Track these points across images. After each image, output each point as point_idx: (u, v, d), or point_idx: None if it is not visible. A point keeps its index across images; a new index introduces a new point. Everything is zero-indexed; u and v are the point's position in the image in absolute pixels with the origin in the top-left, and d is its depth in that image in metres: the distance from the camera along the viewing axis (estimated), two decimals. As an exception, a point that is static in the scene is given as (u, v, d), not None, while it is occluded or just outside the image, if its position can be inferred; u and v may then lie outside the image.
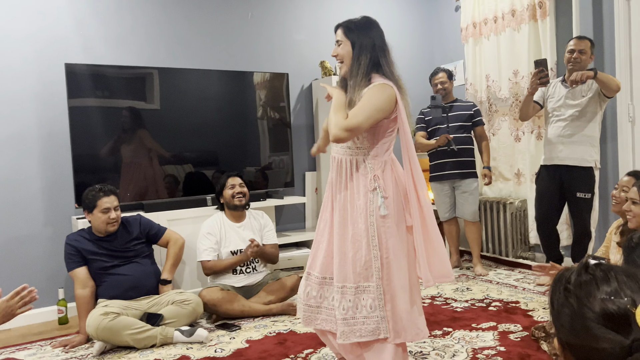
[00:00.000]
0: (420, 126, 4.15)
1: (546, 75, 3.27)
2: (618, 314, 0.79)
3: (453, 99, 4.09)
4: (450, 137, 3.89)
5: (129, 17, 3.76)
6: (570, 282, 0.87)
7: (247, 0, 4.22)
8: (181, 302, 2.96)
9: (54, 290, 3.49)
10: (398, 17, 4.97)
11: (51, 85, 3.51)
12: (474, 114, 4.02)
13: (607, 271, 0.85)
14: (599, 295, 0.82)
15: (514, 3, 4.12)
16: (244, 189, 3.39)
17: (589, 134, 3.35)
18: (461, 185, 4.00)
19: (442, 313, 3.08)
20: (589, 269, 0.87)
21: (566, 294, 0.86)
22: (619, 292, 0.81)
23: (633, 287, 0.82)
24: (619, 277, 0.83)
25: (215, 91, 3.88)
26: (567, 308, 0.85)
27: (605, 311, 0.80)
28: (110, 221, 2.99)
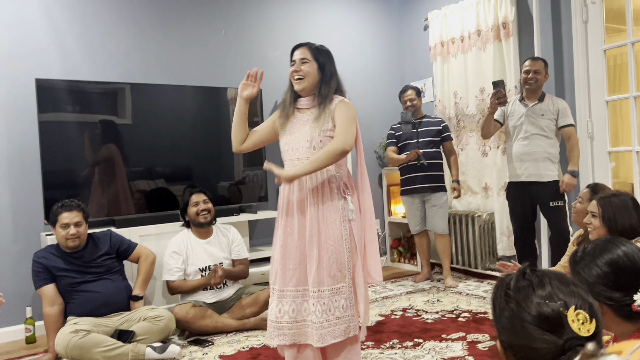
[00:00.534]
0: (391, 141, 4.25)
1: (504, 96, 3.44)
2: (552, 316, 0.87)
3: (422, 115, 4.22)
4: (420, 152, 4.00)
5: (102, 33, 3.76)
6: (510, 287, 0.94)
7: (220, 16, 4.28)
8: (153, 319, 2.94)
9: (22, 308, 3.41)
10: (369, 35, 5.09)
11: (21, 101, 3.47)
12: (442, 129, 4.15)
13: (542, 277, 0.93)
14: (535, 299, 0.89)
15: (479, 23, 4.28)
16: (208, 205, 3.35)
17: (550, 151, 3.49)
18: (431, 199, 4.10)
19: (413, 325, 3.13)
20: (526, 275, 0.95)
21: (506, 298, 0.93)
22: (552, 296, 0.89)
23: (565, 291, 0.90)
24: (552, 282, 0.92)
25: (189, 106, 3.90)
26: (507, 311, 0.92)
27: (540, 314, 0.88)
28: (69, 237, 2.93)
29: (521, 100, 3.57)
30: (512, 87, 4.06)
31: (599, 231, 2.17)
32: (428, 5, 4.89)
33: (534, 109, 3.49)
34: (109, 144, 3.58)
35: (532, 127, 3.48)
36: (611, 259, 1.25)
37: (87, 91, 3.51)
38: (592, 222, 2.20)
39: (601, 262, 1.25)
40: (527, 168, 3.51)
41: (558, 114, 3.46)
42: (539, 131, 3.47)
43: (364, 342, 2.87)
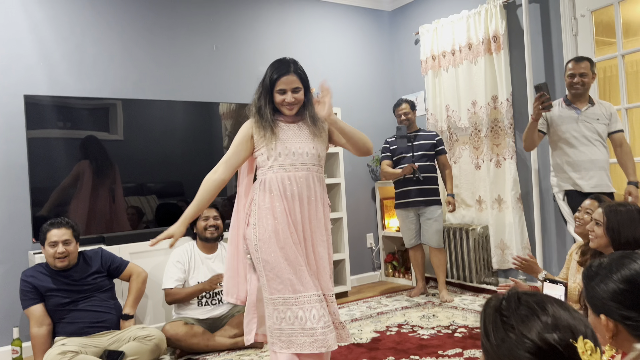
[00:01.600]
0: (386, 155, 4.24)
1: (548, 99, 3.07)
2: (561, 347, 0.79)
3: (416, 129, 4.21)
4: (415, 166, 3.98)
5: (91, 49, 3.74)
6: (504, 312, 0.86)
7: (211, 32, 4.27)
8: (143, 338, 2.87)
9: (9, 329, 3.33)
10: (360, 49, 5.10)
11: (9, 117, 3.43)
12: (436, 143, 4.14)
13: (542, 301, 0.85)
14: (539, 327, 0.82)
15: (470, 37, 4.30)
16: (217, 222, 3.35)
17: (608, 159, 3.21)
18: (425, 213, 4.08)
19: (408, 341, 3.09)
20: (521, 299, 0.87)
21: (504, 325, 0.85)
22: (557, 324, 0.82)
23: (569, 317, 0.83)
24: (554, 307, 0.84)
25: (181, 122, 3.87)
26: (506, 342, 0.84)
27: (548, 345, 0.80)
28: (57, 256, 2.86)
29: (569, 104, 3.24)
30: (505, 100, 4.07)
31: (600, 240, 2.15)
32: (419, 19, 4.92)
33: (587, 114, 3.19)
34: (99, 160, 3.53)
35: (590, 133, 3.17)
36: (628, 276, 1.17)
37: (77, 107, 3.47)
38: (595, 230, 2.17)
39: (617, 278, 1.17)
40: (592, 177, 3.16)
41: (610, 118, 3.19)
42: (597, 137, 3.17)
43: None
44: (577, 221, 2.60)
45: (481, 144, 4.29)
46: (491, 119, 4.21)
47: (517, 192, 4.05)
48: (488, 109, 4.20)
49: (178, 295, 3.17)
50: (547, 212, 3.91)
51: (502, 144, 4.15)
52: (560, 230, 3.83)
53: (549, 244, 3.91)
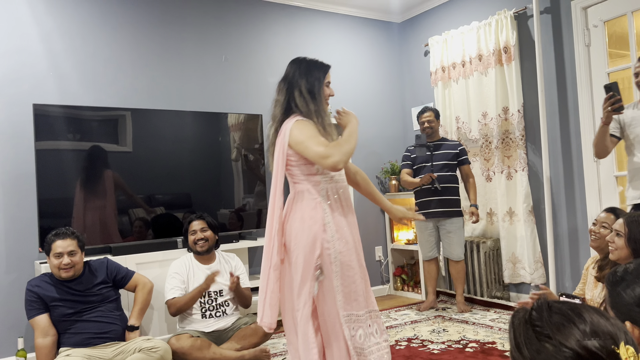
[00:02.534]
0: (406, 163, 4.17)
1: (619, 101, 2.67)
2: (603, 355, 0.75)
3: (439, 138, 4.14)
4: (434, 176, 3.91)
5: (101, 59, 3.75)
6: (537, 323, 0.82)
7: (220, 43, 4.28)
8: (149, 350, 2.82)
9: (14, 339, 3.30)
10: (369, 61, 5.09)
11: (18, 126, 3.43)
12: (459, 152, 4.05)
13: (578, 309, 0.81)
14: (578, 334, 0.77)
15: (480, 48, 4.27)
16: (206, 234, 3.26)
17: None
18: (445, 225, 4.00)
19: (419, 356, 3.01)
20: (552, 307, 0.83)
21: (538, 336, 0.80)
22: (597, 332, 0.77)
23: (607, 324, 0.79)
24: (592, 314, 0.80)
25: (189, 132, 3.86)
26: (543, 354, 0.78)
27: (589, 352, 0.75)
28: (62, 267, 2.82)
29: None
30: (516, 112, 4.02)
31: (621, 252, 2.09)
32: (428, 31, 4.91)
33: None
34: (107, 171, 3.52)
35: None
36: None
37: (86, 118, 3.47)
38: (616, 242, 2.11)
39: None
40: None
41: None
42: None
43: None
44: (593, 235, 2.54)
45: (492, 156, 4.24)
46: (502, 131, 4.17)
47: (529, 205, 3.98)
48: (499, 121, 4.16)
49: (180, 302, 3.11)
50: (560, 225, 3.84)
51: (514, 156, 4.10)
52: (574, 244, 3.75)
53: (561, 257, 3.83)
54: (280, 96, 2.15)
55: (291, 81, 2.14)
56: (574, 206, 3.75)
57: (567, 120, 3.77)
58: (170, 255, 3.52)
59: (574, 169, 3.74)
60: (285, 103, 2.12)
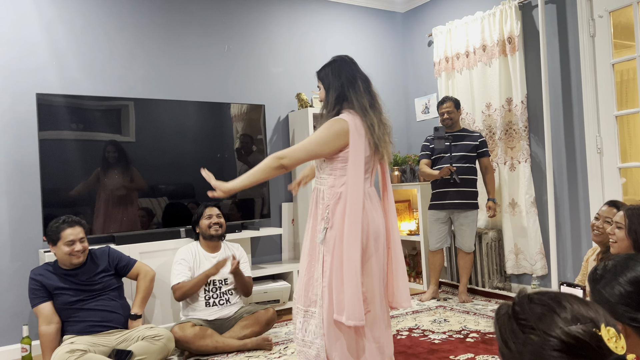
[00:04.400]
0: (424, 154, 4.10)
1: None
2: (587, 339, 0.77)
3: (459, 128, 4.05)
4: (453, 169, 3.84)
5: (104, 49, 3.75)
6: (520, 316, 0.83)
7: (224, 32, 4.27)
8: (152, 338, 2.85)
9: (18, 327, 3.34)
10: (373, 51, 5.07)
11: (21, 116, 3.44)
12: (479, 144, 3.98)
13: (557, 298, 0.83)
14: (560, 322, 0.79)
15: (484, 39, 4.25)
16: (220, 220, 3.35)
17: None
18: (459, 217, 3.96)
19: (419, 345, 3.03)
20: (533, 299, 0.84)
21: (523, 329, 0.82)
22: (578, 317, 0.79)
23: (587, 309, 0.81)
24: (571, 301, 0.82)
25: (192, 122, 3.87)
26: (529, 345, 0.80)
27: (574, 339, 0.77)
28: (74, 253, 2.87)
29: None
30: (519, 102, 4.01)
31: (622, 244, 2.09)
32: (432, 21, 4.88)
33: None
34: (111, 161, 3.53)
35: None
36: (634, 277, 1.15)
37: (89, 108, 3.48)
38: (616, 234, 2.11)
39: (624, 281, 1.15)
40: None
41: None
42: None
43: None
44: (596, 230, 2.53)
45: (495, 147, 4.23)
46: (505, 122, 4.15)
47: (531, 196, 3.98)
48: (502, 112, 4.14)
49: (185, 287, 3.14)
50: (562, 217, 3.83)
51: (517, 147, 4.09)
52: (576, 235, 3.75)
53: (563, 249, 3.83)
54: None
55: None
56: (576, 198, 3.74)
57: (571, 112, 3.75)
58: (173, 244, 3.54)
59: (577, 160, 3.73)
60: None
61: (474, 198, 3.96)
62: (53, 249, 2.91)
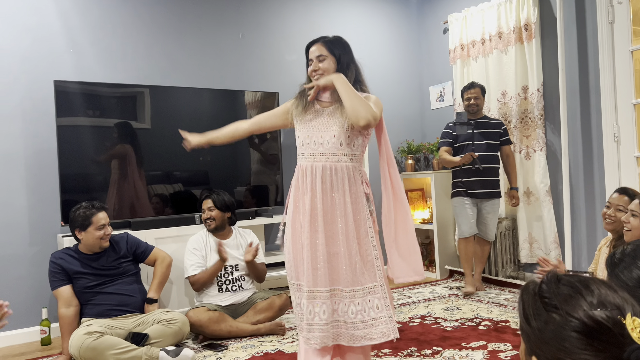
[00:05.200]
0: (446, 141, 3.99)
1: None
2: (609, 325, 0.76)
3: (482, 116, 3.97)
4: (475, 156, 3.75)
5: (121, 35, 3.78)
6: (546, 294, 0.83)
7: (238, 20, 4.27)
8: (167, 322, 2.91)
9: (38, 310, 3.42)
10: (387, 38, 5.04)
11: (39, 102, 3.50)
12: (502, 132, 3.93)
13: (586, 281, 0.82)
14: (585, 305, 0.78)
15: (500, 26, 4.19)
16: (212, 213, 3.33)
17: None
18: (486, 206, 3.92)
19: (432, 332, 3.05)
20: (562, 280, 0.84)
21: (545, 307, 0.82)
22: (604, 303, 0.78)
23: (615, 296, 0.80)
24: (600, 287, 0.81)
25: (207, 110, 3.89)
26: (550, 323, 0.80)
27: (595, 322, 0.76)
28: (105, 237, 2.98)
29: None
30: (535, 90, 3.96)
31: (635, 232, 2.08)
32: (447, 8, 4.83)
33: None
34: (127, 147, 3.57)
35: None
36: None
37: (106, 95, 3.52)
38: (631, 222, 2.10)
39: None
40: None
41: None
42: None
43: (380, 349, 2.79)
44: (608, 218, 2.51)
45: (510, 135, 4.19)
46: (521, 110, 4.11)
47: (546, 185, 3.95)
48: (518, 100, 4.10)
49: (202, 278, 3.20)
50: (577, 206, 3.80)
51: (532, 136, 4.05)
52: (591, 225, 3.72)
53: (578, 238, 3.81)
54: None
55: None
56: (592, 187, 3.70)
57: (588, 100, 3.70)
58: (188, 230, 3.58)
59: (593, 149, 3.69)
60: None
61: (498, 187, 3.92)
62: (81, 234, 2.94)
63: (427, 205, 4.91)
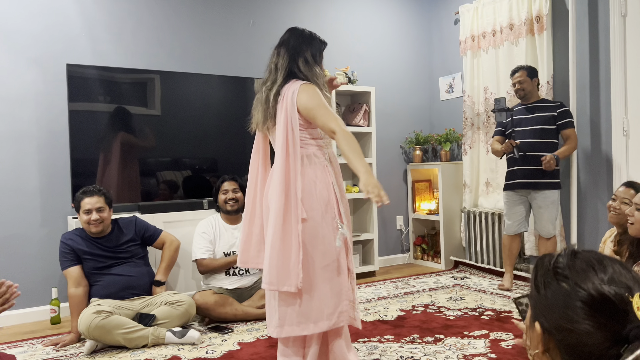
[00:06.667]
0: (497, 130, 3.83)
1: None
2: (615, 301, 0.77)
3: (537, 99, 3.66)
4: (514, 143, 3.53)
5: (132, 20, 3.80)
6: (560, 266, 0.84)
7: (249, 7, 4.28)
8: (174, 303, 2.96)
9: (48, 289, 3.48)
10: (398, 28, 5.03)
11: (52, 85, 3.54)
12: (558, 115, 3.55)
13: (601, 258, 0.83)
14: (596, 280, 0.79)
15: (512, 17, 4.18)
16: (237, 194, 3.38)
17: None
18: (536, 198, 3.58)
19: (434, 321, 3.08)
20: (578, 254, 0.85)
21: (557, 277, 0.83)
22: (615, 280, 0.79)
23: (628, 276, 0.81)
24: (614, 265, 0.82)
25: (216, 96, 3.92)
26: (559, 292, 0.82)
27: (602, 296, 0.78)
28: (91, 222, 2.97)
29: None
30: (545, 83, 3.95)
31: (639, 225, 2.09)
32: (459, -2, 4.81)
33: None
34: (137, 133, 3.61)
35: None
36: None
37: (117, 81, 3.55)
38: (635, 215, 2.10)
39: None
40: None
41: None
42: None
43: (383, 336, 2.83)
44: (613, 211, 2.52)
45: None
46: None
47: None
48: (527, 92, 4.08)
49: (211, 265, 3.25)
50: (584, 199, 3.80)
51: None
52: (597, 219, 3.72)
53: (584, 232, 3.81)
54: (283, 61, 2.16)
55: (295, 48, 2.16)
56: (600, 180, 3.70)
57: (598, 93, 3.69)
58: (197, 215, 3.63)
59: (602, 143, 3.68)
60: (287, 68, 2.15)
61: (552, 177, 3.55)
62: (78, 216, 3.04)
63: (434, 197, 4.93)
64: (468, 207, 4.58)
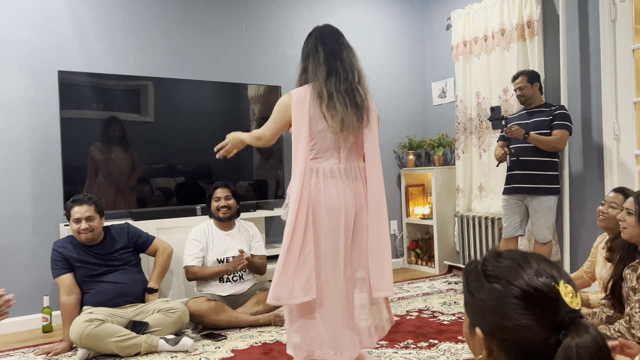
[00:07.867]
0: (501, 135, 3.78)
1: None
2: (546, 291, 0.83)
3: (539, 104, 3.59)
4: (507, 151, 3.53)
5: (125, 27, 3.80)
6: (489, 268, 0.89)
7: (241, 14, 4.29)
8: (167, 311, 2.94)
9: (39, 297, 3.46)
10: (390, 34, 5.05)
11: (44, 92, 3.53)
12: (552, 118, 3.47)
13: (524, 255, 0.90)
14: (525, 275, 0.85)
15: (503, 23, 4.20)
16: (229, 202, 3.37)
17: None
18: (533, 203, 3.54)
19: (428, 326, 3.08)
20: (502, 255, 0.91)
21: (489, 278, 0.88)
22: (540, 272, 0.85)
23: (549, 267, 0.87)
24: (536, 259, 0.88)
25: (209, 103, 3.91)
26: (493, 292, 0.86)
27: (534, 289, 0.83)
28: (81, 231, 2.95)
29: None
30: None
31: (632, 230, 2.10)
32: (451, 4, 4.84)
33: None
34: (129, 140, 3.60)
35: None
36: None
37: (110, 87, 3.55)
38: (627, 220, 2.11)
39: None
40: None
41: None
42: None
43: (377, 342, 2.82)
44: (601, 215, 2.53)
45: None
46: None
47: (546, 182, 3.95)
48: (519, 97, 4.10)
49: (200, 273, 3.23)
50: (576, 203, 3.82)
51: (533, 133, 4.05)
52: (590, 223, 3.74)
53: (576, 236, 3.83)
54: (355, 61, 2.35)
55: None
56: (591, 184, 3.72)
57: (589, 98, 3.71)
58: (190, 221, 3.62)
59: (593, 147, 3.71)
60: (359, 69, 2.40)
61: (548, 182, 3.49)
62: (69, 224, 3.02)
63: (428, 201, 4.93)
64: (461, 212, 4.59)
